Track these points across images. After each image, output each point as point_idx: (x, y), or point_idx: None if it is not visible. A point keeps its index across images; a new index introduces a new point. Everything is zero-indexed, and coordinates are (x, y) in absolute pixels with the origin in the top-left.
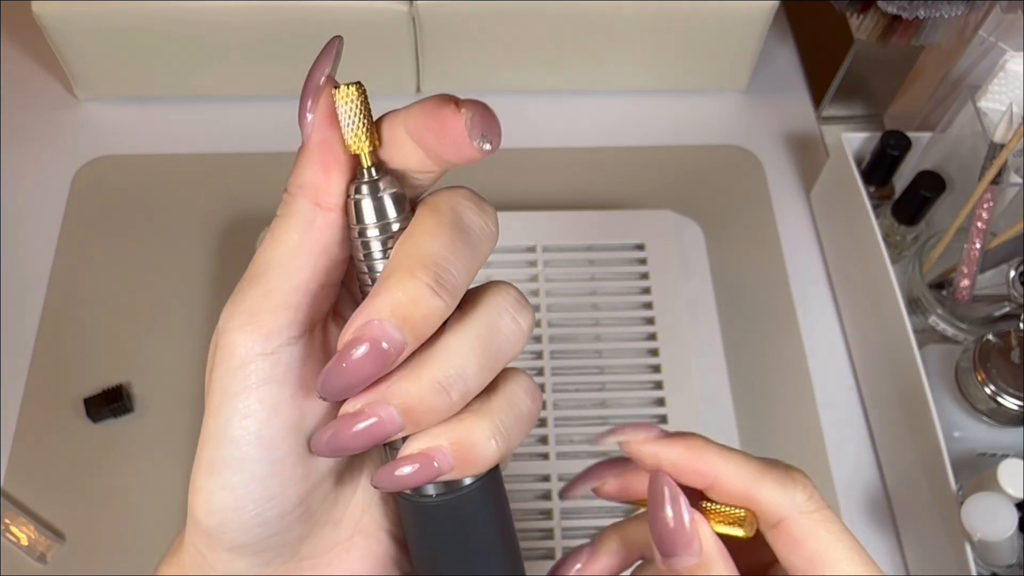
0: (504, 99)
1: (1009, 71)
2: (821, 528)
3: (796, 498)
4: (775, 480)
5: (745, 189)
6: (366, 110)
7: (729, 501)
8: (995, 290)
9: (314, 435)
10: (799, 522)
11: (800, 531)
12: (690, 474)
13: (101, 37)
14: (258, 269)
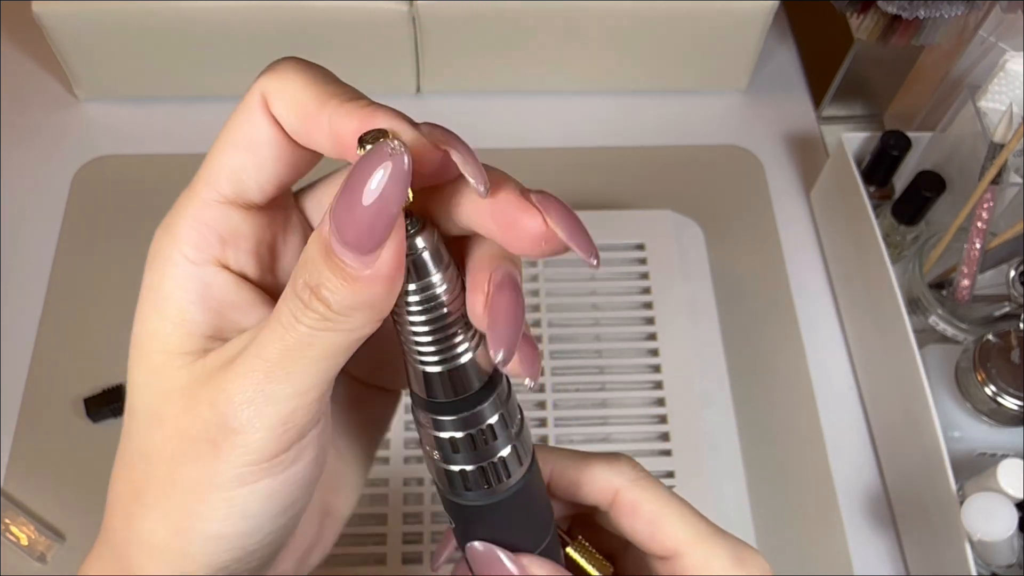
0: (504, 99)
1: (1009, 71)
2: (650, 492)
3: (623, 470)
4: (602, 460)
5: (745, 189)
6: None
7: (566, 488)
8: (995, 290)
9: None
10: (631, 490)
11: (634, 497)
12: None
13: (101, 37)
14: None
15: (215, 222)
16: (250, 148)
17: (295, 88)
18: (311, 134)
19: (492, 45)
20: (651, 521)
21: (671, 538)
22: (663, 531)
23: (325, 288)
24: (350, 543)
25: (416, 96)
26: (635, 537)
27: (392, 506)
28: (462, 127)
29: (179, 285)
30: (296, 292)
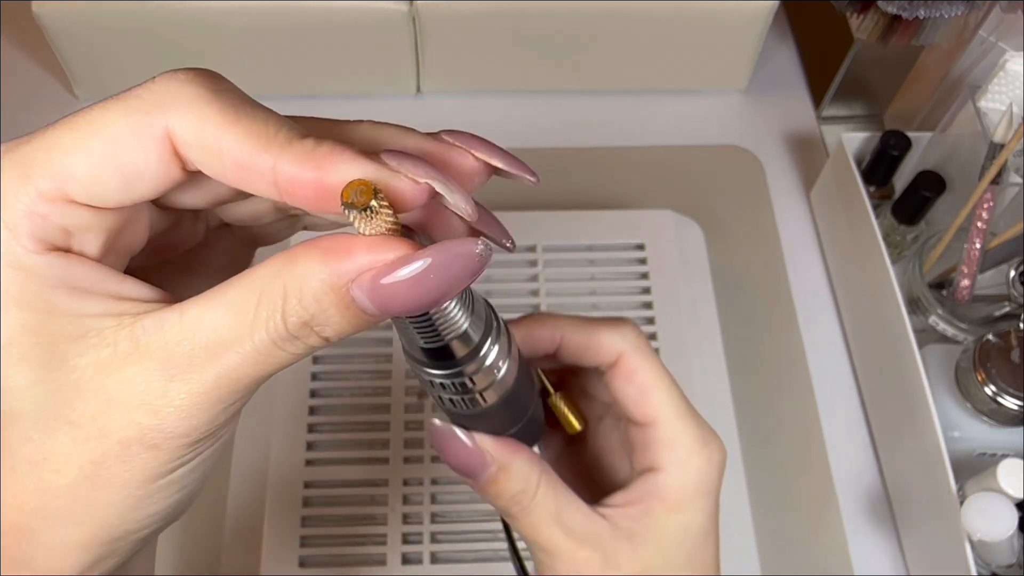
0: (504, 99)
1: (1009, 71)
2: (648, 362)
3: (628, 336)
4: (609, 326)
5: (745, 189)
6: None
7: (574, 351)
8: (995, 290)
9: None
10: (633, 356)
11: (633, 363)
12: (540, 341)
13: (101, 37)
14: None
15: (58, 217)
16: (127, 174)
17: (215, 128)
18: (246, 182)
19: (492, 45)
20: (641, 388)
21: (653, 407)
22: (649, 399)
23: (330, 328)
24: (350, 543)
25: (416, 96)
26: (623, 400)
27: (392, 506)
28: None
29: (25, 283)
30: (287, 327)
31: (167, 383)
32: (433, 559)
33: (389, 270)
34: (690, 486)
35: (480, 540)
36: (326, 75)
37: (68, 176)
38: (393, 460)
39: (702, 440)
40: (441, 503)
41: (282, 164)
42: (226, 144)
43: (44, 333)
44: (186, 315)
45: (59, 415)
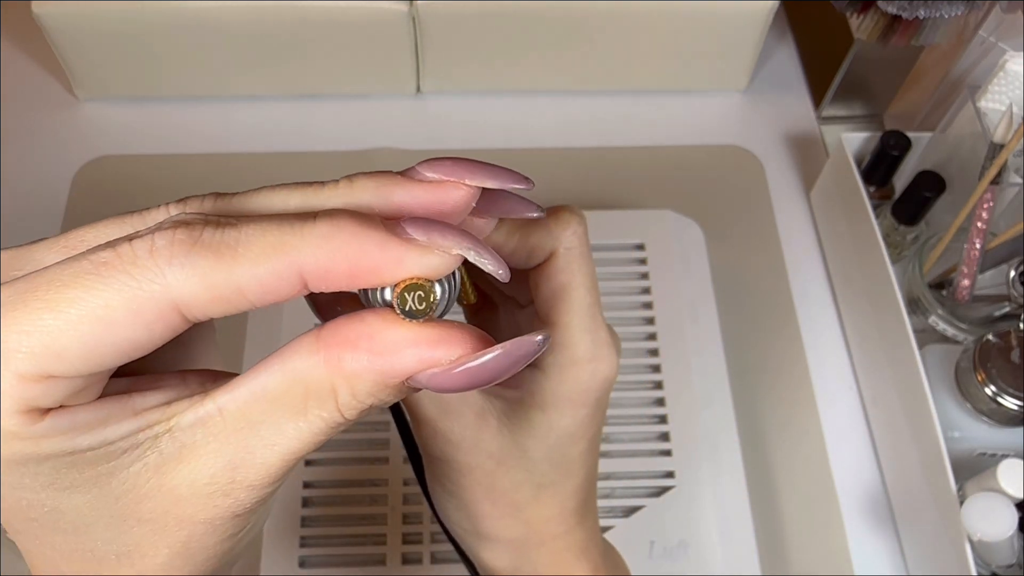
0: (504, 99)
1: (1009, 71)
2: (572, 266)
3: (563, 235)
4: (543, 225)
5: (745, 189)
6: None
7: (510, 255)
8: (995, 290)
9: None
10: (558, 257)
11: (557, 265)
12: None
13: (101, 37)
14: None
15: (40, 396)
16: (123, 348)
17: (226, 281)
18: (270, 298)
19: (492, 45)
20: (555, 290)
21: (557, 311)
22: (557, 302)
23: (387, 403)
24: (350, 543)
25: (416, 96)
26: (535, 295)
27: (392, 506)
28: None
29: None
30: (345, 417)
31: (233, 472)
32: (433, 559)
33: (449, 371)
34: (563, 393)
35: None
36: (326, 75)
37: (47, 364)
38: (393, 460)
39: (591, 353)
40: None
41: (309, 261)
42: (244, 283)
43: (77, 466)
44: (226, 410)
45: (128, 518)
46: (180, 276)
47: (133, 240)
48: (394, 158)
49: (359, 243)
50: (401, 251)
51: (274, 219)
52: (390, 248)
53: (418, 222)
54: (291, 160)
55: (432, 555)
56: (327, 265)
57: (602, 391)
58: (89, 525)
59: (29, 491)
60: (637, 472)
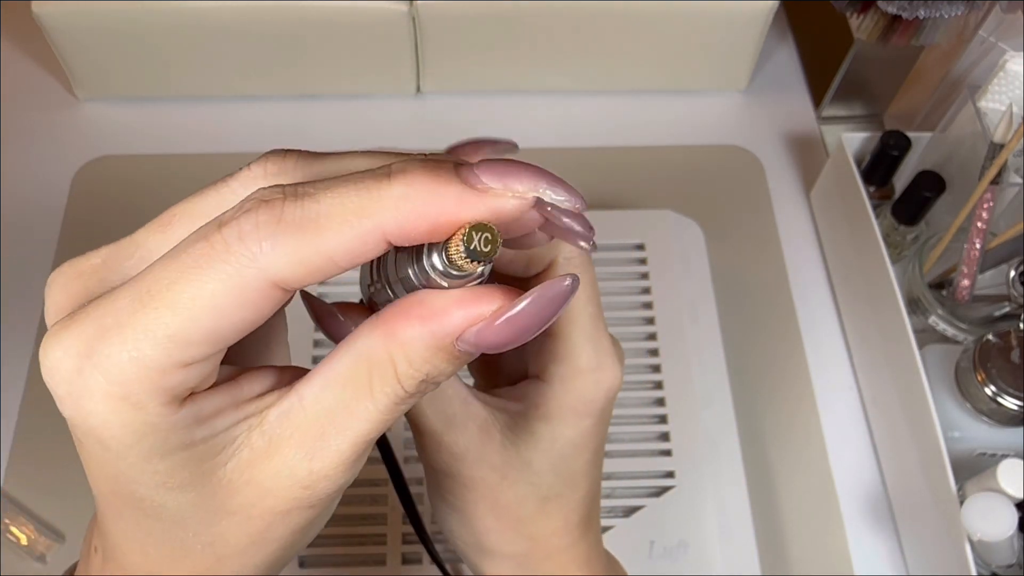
0: (504, 99)
1: (1009, 71)
2: (576, 273)
3: (561, 245)
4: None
5: (745, 189)
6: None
7: (510, 265)
8: (995, 290)
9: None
10: (560, 265)
11: (557, 273)
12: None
13: (101, 37)
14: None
15: (181, 384)
16: (235, 327)
17: (317, 255)
18: (360, 257)
19: (492, 45)
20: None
21: (557, 323)
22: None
23: (442, 375)
24: (350, 543)
25: (416, 96)
26: None
27: (392, 506)
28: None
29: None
30: (405, 389)
31: (310, 463)
32: (433, 559)
33: (491, 323)
34: (567, 404)
35: None
36: (326, 75)
37: (180, 354)
38: None
39: (595, 363)
40: None
41: (390, 222)
42: (332, 252)
43: (189, 464)
44: (305, 399)
45: (219, 511)
46: (272, 256)
47: (222, 227)
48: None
49: (436, 200)
50: (478, 201)
51: (351, 183)
52: (467, 201)
53: (492, 168)
54: None
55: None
56: (408, 223)
57: (606, 401)
58: (186, 519)
59: (145, 487)
60: (637, 472)
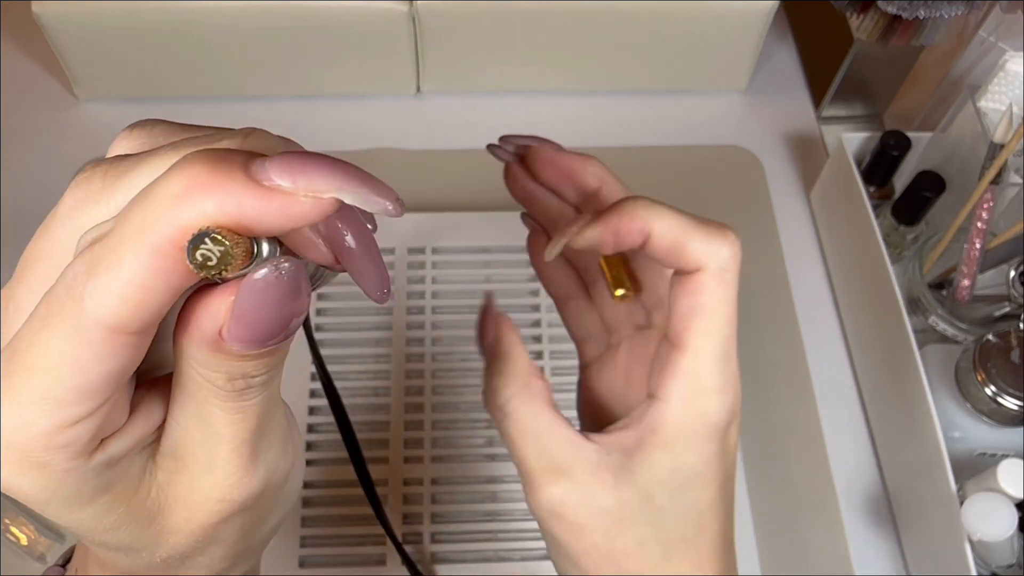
0: (504, 99)
1: (1009, 71)
2: (719, 289)
3: (721, 252)
4: (705, 233)
5: (745, 189)
6: None
7: (663, 253)
8: (995, 290)
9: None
10: (709, 275)
11: (705, 283)
12: (630, 236)
13: (101, 37)
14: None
15: (77, 439)
16: (110, 372)
17: (132, 295)
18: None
19: (492, 45)
20: (694, 308)
21: (690, 331)
22: (693, 322)
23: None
24: (350, 543)
25: (416, 96)
26: (672, 308)
27: (392, 506)
28: (462, 127)
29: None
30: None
31: (211, 475)
32: (433, 559)
33: (230, 320)
34: (688, 424)
35: (480, 540)
36: (326, 75)
37: (61, 415)
38: (393, 460)
39: (720, 384)
40: (441, 503)
41: (176, 221)
42: (141, 280)
43: (115, 505)
44: (176, 421)
45: (161, 532)
46: (96, 302)
47: (57, 281)
48: (394, 158)
49: (215, 197)
50: (263, 201)
51: (139, 196)
52: (249, 200)
53: (286, 161)
54: None
55: (432, 555)
56: (187, 225)
57: (729, 424)
58: (133, 546)
59: (82, 532)
60: None
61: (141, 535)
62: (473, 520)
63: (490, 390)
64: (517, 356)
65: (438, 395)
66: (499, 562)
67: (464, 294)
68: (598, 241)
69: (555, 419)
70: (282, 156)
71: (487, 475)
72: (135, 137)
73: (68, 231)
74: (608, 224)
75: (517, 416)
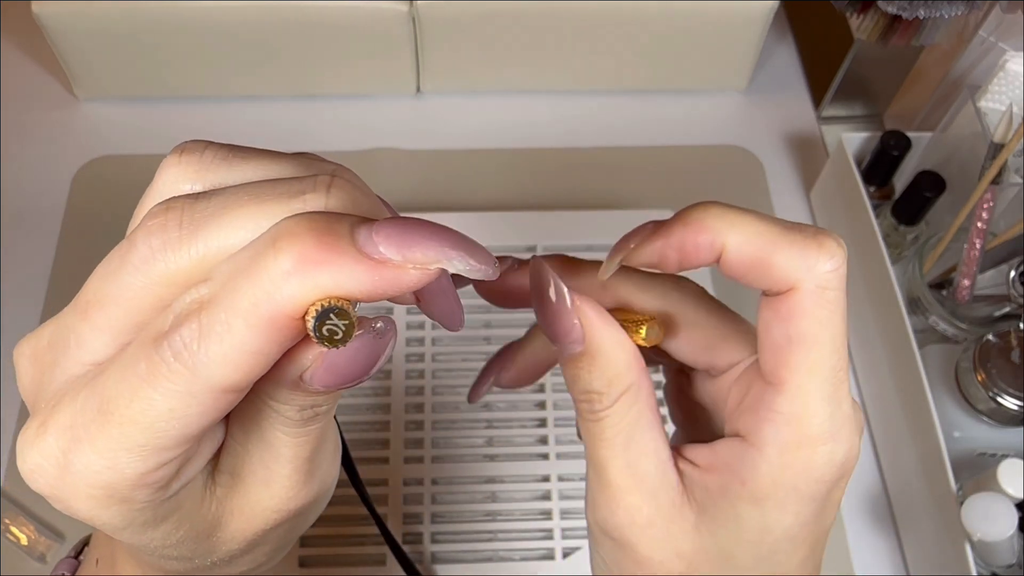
0: (504, 99)
1: (1009, 71)
2: (820, 311)
3: (817, 267)
4: (796, 245)
5: (745, 189)
6: None
7: (742, 272)
8: (995, 290)
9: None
10: (805, 295)
11: (803, 306)
12: (698, 252)
13: (101, 37)
14: None
15: (163, 478)
16: (211, 424)
17: (241, 359)
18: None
19: (492, 45)
20: (791, 337)
21: (789, 367)
22: (791, 355)
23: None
24: (350, 543)
25: (416, 96)
26: (763, 337)
27: (392, 506)
28: (462, 127)
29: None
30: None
31: (268, 489)
32: (433, 559)
33: (317, 367)
34: (787, 481)
35: (480, 540)
36: (326, 75)
37: (156, 459)
38: (393, 460)
39: (829, 431)
40: (441, 503)
41: (288, 297)
42: (255, 348)
43: (182, 522)
44: (235, 440)
45: (217, 542)
46: (209, 369)
47: (158, 347)
48: (394, 158)
49: (327, 274)
50: (374, 274)
51: (241, 268)
52: (361, 274)
53: (392, 232)
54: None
55: (432, 555)
56: (300, 299)
57: (838, 479)
58: (190, 556)
59: (145, 550)
60: None
61: (200, 546)
62: (473, 520)
63: (572, 378)
64: (617, 346)
65: (438, 395)
66: (499, 562)
67: (464, 294)
68: (658, 258)
69: (655, 429)
70: (388, 227)
71: (487, 475)
72: (186, 163)
73: (144, 280)
74: (671, 237)
75: (614, 421)
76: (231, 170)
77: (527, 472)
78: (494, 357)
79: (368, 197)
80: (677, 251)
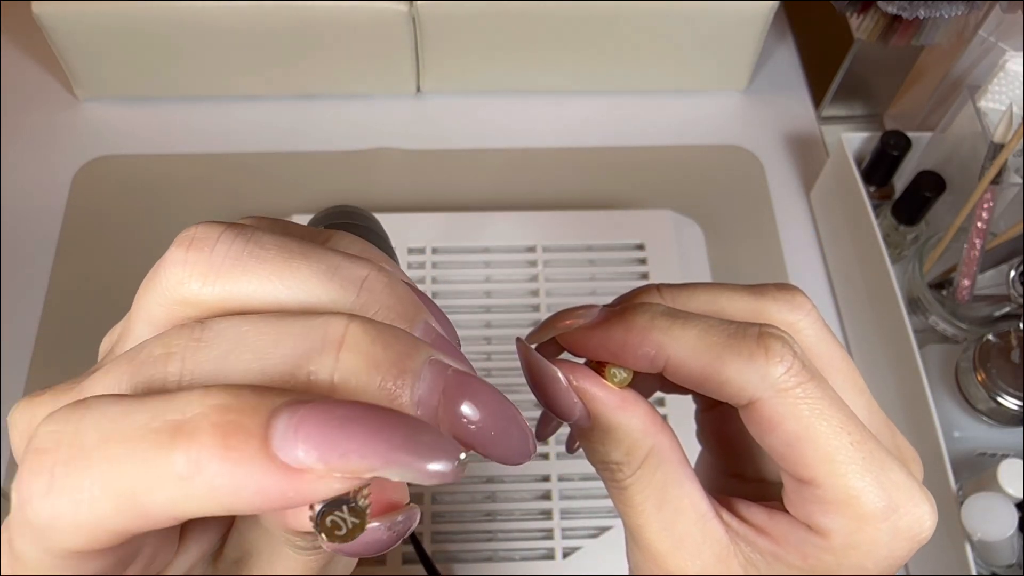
0: (504, 99)
1: (1009, 71)
2: (802, 406)
3: (769, 375)
4: (742, 356)
5: (745, 189)
6: None
7: (693, 386)
8: (995, 290)
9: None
10: (773, 403)
11: (776, 413)
12: (638, 362)
13: (101, 37)
14: None
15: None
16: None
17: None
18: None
19: (492, 45)
20: (789, 443)
21: (807, 467)
22: (801, 456)
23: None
24: None
25: (416, 96)
26: (768, 450)
27: None
28: (462, 127)
29: None
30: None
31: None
32: (433, 559)
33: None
34: (852, 564)
35: (480, 540)
36: (326, 75)
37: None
38: None
39: (886, 504)
40: (441, 503)
41: (172, 501)
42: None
43: None
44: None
45: None
46: (51, 531)
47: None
48: (394, 158)
49: (229, 484)
50: (286, 487)
51: (128, 441)
52: (269, 488)
53: (317, 431)
54: (291, 160)
55: (432, 555)
56: (186, 509)
57: (908, 550)
58: None
59: None
60: None
61: None
62: (473, 520)
63: (588, 452)
64: (628, 415)
65: None
66: (499, 562)
67: (464, 294)
68: (594, 352)
69: (687, 483)
70: (314, 424)
71: (487, 475)
72: (193, 264)
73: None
74: (611, 337)
75: (641, 487)
76: (244, 275)
77: (527, 472)
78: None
79: (408, 292)
80: (619, 348)
